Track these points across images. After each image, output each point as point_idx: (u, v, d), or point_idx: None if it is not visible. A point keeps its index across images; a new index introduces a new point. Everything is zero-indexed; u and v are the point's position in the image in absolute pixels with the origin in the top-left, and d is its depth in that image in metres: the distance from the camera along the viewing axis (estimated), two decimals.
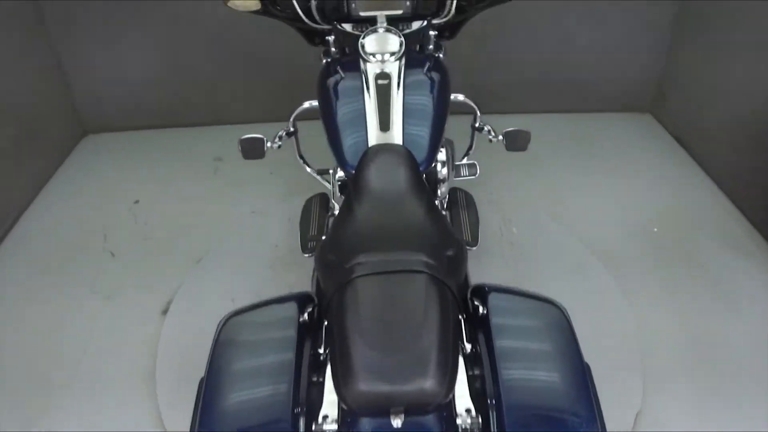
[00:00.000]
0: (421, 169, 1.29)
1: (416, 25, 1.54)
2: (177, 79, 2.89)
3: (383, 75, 1.34)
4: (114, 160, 2.82)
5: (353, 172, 1.28)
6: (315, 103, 1.48)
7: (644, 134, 2.97)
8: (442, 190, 1.67)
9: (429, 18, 1.52)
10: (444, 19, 1.55)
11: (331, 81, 1.43)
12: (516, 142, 1.70)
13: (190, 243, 2.25)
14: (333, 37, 1.61)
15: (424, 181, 1.24)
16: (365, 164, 1.24)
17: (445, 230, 1.09)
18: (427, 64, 1.44)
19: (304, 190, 1.82)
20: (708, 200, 2.48)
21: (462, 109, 1.59)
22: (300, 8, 1.48)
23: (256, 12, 1.49)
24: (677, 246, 2.21)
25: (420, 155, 1.30)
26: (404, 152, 1.27)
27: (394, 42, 1.36)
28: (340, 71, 1.42)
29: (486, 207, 2.35)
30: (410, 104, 1.34)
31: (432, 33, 1.59)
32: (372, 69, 1.34)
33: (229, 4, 1.43)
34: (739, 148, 2.41)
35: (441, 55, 1.74)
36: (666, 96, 2.98)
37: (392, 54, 1.35)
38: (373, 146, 1.28)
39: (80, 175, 2.73)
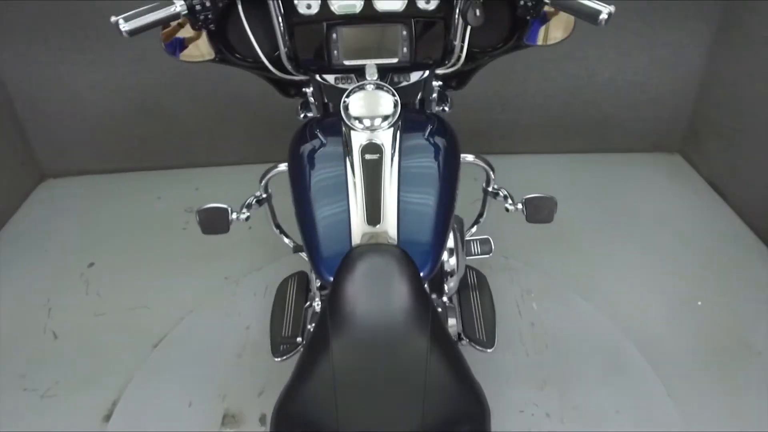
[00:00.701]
0: (423, 275, 0.96)
1: (415, 76, 1.21)
2: (145, 118, 2.55)
3: (372, 147, 1.00)
4: (71, 210, 2.47)
5: (331, 280, 0.94)
6: None
7: (675, 177, 2.63)
8: (450, 285, 1.33)
9: (432, 67, 1.19)
10: (451, 69, 1.22)
11: (305, 150, 1.09)
12: (539, 211, 1.36)
13: (149, 320, 1.89)
14: (311, 88, 1.28)
15: (428, 295, 0.92)
16: (346, 273, 0.92)
17: (461, 387, 0.79)
18: (429, 128, 1.11)
19: (288, 253, 1.49)
20: (753, 259, 2.13)
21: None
22: (266, 56, 1.14)
23: (213, 61, 1.16)
24: (726, 325, 1.86)
25: (421, 258, 0.97)
26: (399, 255, 0.95)
27: (386, 103, 1.01)
28: (319, 136, 1.10)
29: (499, 275, 2.00)
30: (408, 187, 1.01)
31: (436, 83, 1.26)
32: (357, 139, 1.00)
33: (182, 57, 1.13)
34: None
35: (446, 109, 1.39)
36: (698, 135, 2.64)
37: (384, 119, 1.00)
38: (357, 247, 0.96)
39: (32, 228, 2.38)
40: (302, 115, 1.40)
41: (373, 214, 0.97)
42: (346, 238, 0.97)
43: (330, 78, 1.21)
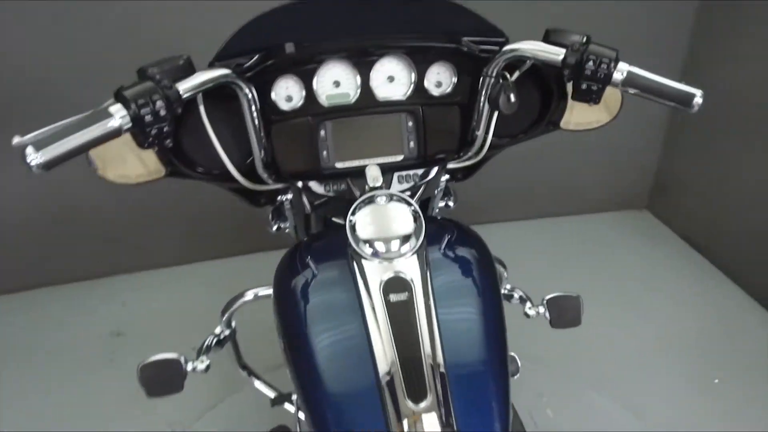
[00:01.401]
0: None
1: (424, 174, 0.95)
2: (54, 221, 2.12)
3: (397, 284, 0.72)
4: None
5: None
6: (262, 291, 0.98)
7: (648, 235, 2.52)
8: None
9: (445, 162, 0.94)
10: (468, 162, 0.97)
11: (300, 290, 0.80)
12: (564, 313, 1.10)
13: None
14: (290, 195, 1.00)
15: None
16: None
17: None
18: (458, 244, 0.85)
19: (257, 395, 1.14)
20: (752, 322, 2.00)
21: None
22: (236, 165, 0.87)
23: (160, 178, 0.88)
24: (748, 403, 1.67)
25: None
26: None
27: (404, 218, 0.75)
28: (317, 267, 0.81)
29: None
30: (454, 341, 0.72)
31: (444, 177, 1.07)
32: (374, 273, 0.73)
33: (115, 179, 0.84)
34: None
35: (450, 204, 1.14)
36: (666, 190, 2.55)
37: (404, 240, 0.73)
38: None
39: None
40: (275, 227, 1.10)
41: (416, 386, 0.68)
42: (380, 423, 0.66)
43: (316, 186, 0.93)
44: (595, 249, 2.41)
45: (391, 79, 0.87)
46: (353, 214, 0.76)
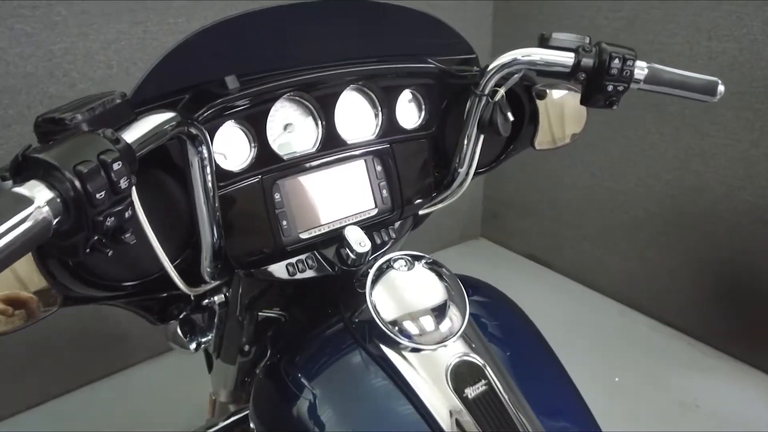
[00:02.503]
0: None
1: (399, 224, 0.79)
2: None
3: (467, 371, 0.57)
4: None
5: None
6: None
7: (494, 260, 2.65)
8: None
9: (422, 205, 0.77)
10: (442, 203, 0.84)
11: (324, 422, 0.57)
12: None
13: None
14: (220, 297, 0.73)
15: None
16: None
17: None
18: (497, 307, 0.71)
19: None
20: (609, 313, 2.20)
21: None
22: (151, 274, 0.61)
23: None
24: (654, 390, 1.80)
25: None
26: None
27: (432, 285, 0.61)
28: (326, 382, 0.62)
29: None
30: (555, 422, 0.59)
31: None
32: (432, 364, 0.57)
33: None
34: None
35: None
36: (497, 216, 2.72)
37: (437, 312, 0.59)
38: None
39: None
40: (193, 344, 0.80)
41: None
42: None
43: (278, 271, 0.69)
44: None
45: (359, 114, 0.70)
46: (371, 295, 0.57)
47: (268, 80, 0.61)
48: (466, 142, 0.75)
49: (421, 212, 0.82)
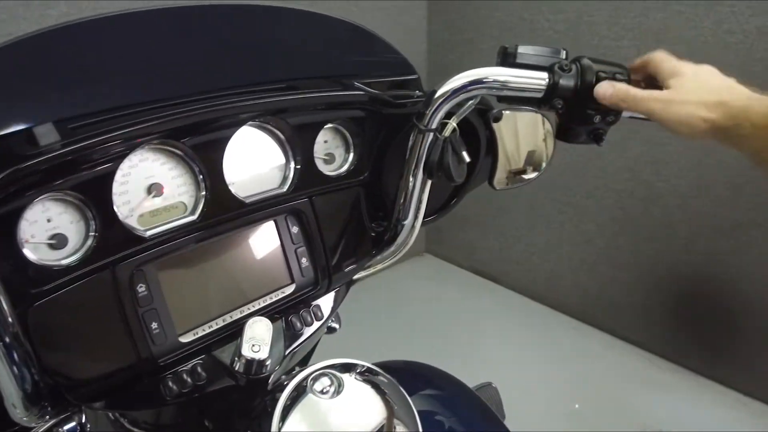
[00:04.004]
0: None
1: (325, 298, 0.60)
2: None
3: None
4: None
5: None
6: None
7: (440, 276, 2.51)
8: None
9: (355, 271, 0.61)
10: (383, 263, 0.66)
11: None
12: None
13: None
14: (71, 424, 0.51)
15: None
16: None
17: None
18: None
19: None
20: (561, 328, 2.09)
21: None
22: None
23: None
24: (616, 416, 1.69)
25: None
26: None
27: (372, 411, 0.44)
28: None
29: None
30: None
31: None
32: None
33: None
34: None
35: (336, 326, 0.82)
36: (441, 231, 2.57)
37: None
38: None
39: None
40: None
41: None
42: None
43: (150, 391, 0.48)
44: (392, 300, 2.29)
45: (261, 160, 0.50)
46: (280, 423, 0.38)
47: (113, 124, 0.41)
48: (410, 187, 0.57)
49: (357, 277, 0.64)
